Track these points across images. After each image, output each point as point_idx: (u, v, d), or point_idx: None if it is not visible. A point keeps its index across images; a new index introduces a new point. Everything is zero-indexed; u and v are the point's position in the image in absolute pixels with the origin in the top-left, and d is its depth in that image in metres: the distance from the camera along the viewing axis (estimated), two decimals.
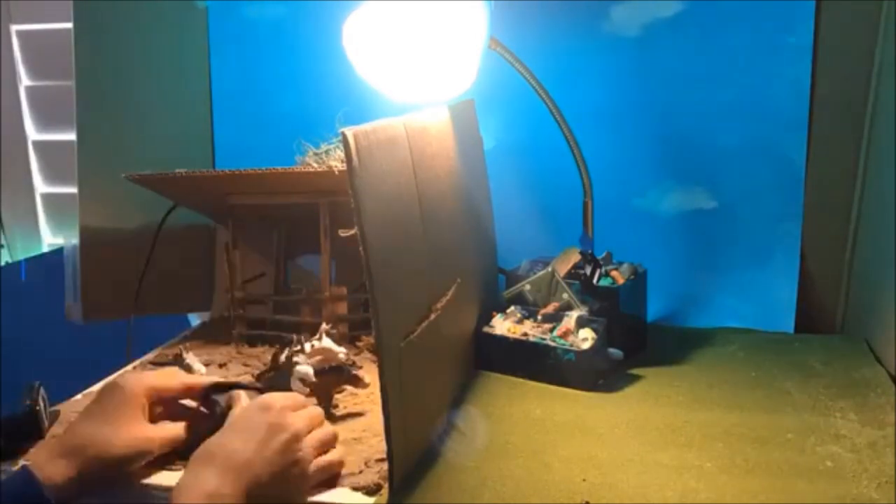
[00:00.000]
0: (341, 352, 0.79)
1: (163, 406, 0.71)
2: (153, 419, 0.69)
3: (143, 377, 0.70)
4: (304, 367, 0.77)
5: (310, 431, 0.65)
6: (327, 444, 0.66)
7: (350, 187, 0.61)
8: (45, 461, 0.62)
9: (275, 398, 0.65)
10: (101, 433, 0.64)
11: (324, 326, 0.80)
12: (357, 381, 0.79)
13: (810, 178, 1.03)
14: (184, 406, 0.73)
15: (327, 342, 0.78)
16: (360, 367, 0.80)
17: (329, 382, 0.78)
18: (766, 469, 0.68)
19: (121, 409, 0.66)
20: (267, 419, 0.62)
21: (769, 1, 0.99)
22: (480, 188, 1.01)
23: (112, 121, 1.08)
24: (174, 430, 0.69)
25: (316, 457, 0.64)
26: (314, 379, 0.76)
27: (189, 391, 0.72)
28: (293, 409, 0.65)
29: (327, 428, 0.67)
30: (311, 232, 0.96)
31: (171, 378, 0.72)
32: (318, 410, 0.68)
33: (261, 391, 0.73)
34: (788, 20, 0.99)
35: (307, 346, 0.78)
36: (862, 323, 1.00)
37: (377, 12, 0.85)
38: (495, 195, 1.05)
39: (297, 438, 0.62)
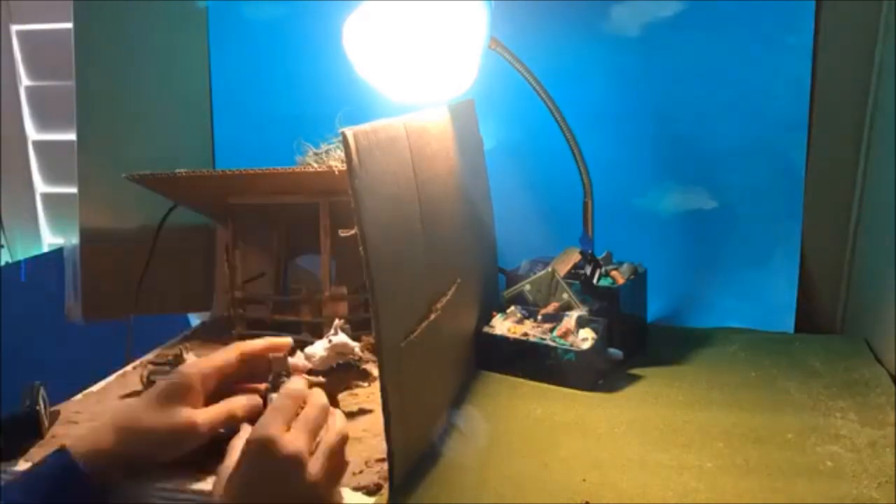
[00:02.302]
0: (357, 346, 0.78)
1: (228, 385, 0.71)
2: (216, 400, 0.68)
3: (199, 363, 0.69)
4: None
5: (315, 436, 0.60)
6: (335, 452, 0.60)
7: (350, 187, 0.61)
8: (92, 435, 0.64)
9: (267, 425, 0.58)
10: (145, 416, 0.65)
11: (337, 322, 0.79)
12: (367, 377, 0.78)
13: (810, 178, 1.03)
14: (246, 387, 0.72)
15: (342, 337, 0.78)
16: (368, 362, 0.79)
17: (338, 381, 0.77)
18: (766, 469, 0.68)
19: (171, 397, 0.66)
20: (270, 468, 0.56)
21: (769, 1, 0.99)
22: (480, 188, 1.01)
23: (112, 121, 1.08)
24: (224, 409, 0.68)
25: (328, 467, 0.59)
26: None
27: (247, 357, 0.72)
28: (289, 423, 0.59)
29: (332, 433, 0.61)
30: (311, 232, 0.96)
31: (230, 352, 0.71)
32: (319, 403, 0.62)
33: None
34: (788, 20, 0.99)
35: (324, 342, 0.77)
36: (862, 323, 1.00)
37: (377, 12, 0.84)
38: (495, 195, 1.05)
39: (303, 470, 0.57)
